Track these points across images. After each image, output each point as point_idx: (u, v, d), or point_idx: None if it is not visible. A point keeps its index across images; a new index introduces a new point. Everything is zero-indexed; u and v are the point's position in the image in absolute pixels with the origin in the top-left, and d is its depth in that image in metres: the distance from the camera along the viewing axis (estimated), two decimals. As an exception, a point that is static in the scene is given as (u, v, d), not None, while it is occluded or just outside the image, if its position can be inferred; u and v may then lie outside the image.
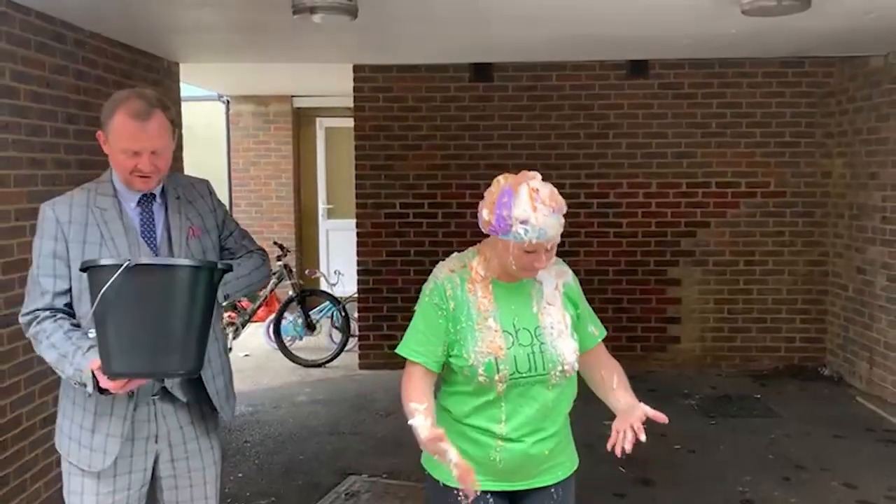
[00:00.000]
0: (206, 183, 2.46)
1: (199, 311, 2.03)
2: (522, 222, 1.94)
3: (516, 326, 2.10)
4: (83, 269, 2.02)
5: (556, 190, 2.02)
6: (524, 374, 2.08)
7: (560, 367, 2.10)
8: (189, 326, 2.02)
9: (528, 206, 1.94)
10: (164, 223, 2.27)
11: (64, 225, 2.15)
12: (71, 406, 2.23)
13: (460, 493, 2.09)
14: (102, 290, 1.91)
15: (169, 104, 2.22)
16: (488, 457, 2.11)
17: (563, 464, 2.21)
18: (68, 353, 2.09)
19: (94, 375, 2.03)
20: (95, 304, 1.94)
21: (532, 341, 2.09)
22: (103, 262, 1.97)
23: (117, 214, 2.20)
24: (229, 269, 2.12)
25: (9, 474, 3.59)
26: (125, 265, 1.90)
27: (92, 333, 2.05)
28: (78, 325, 2.16)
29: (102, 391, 2.05)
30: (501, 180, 2.05)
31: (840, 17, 4.23)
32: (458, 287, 2.10)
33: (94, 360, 2.03)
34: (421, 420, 1.99)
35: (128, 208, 2.23)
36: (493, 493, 2.14)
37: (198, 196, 2.38)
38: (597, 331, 2.25)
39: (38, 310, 2.15)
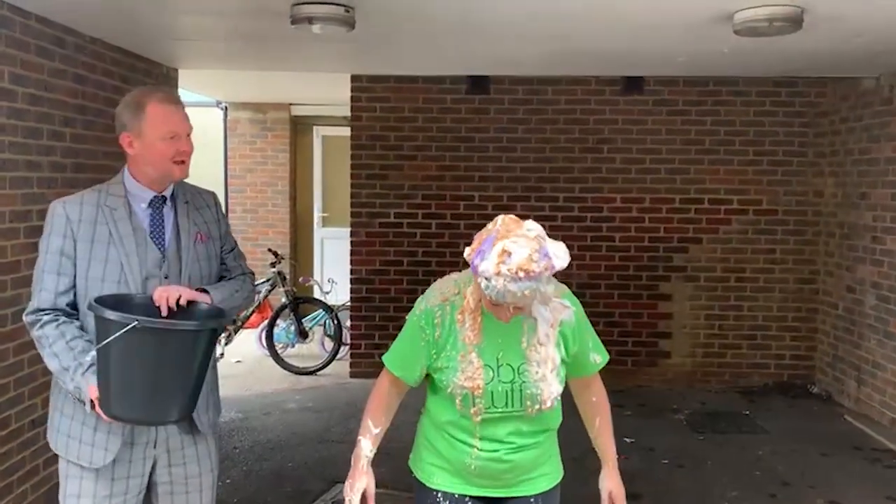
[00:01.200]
0: (213, 194, 2.51)
1: (198, 365, 2.09)
2: (486, 279, 1.89)
3: (500, 361, 2.08)
4: (89, 309, 2.06)
5: (539, 253, 1.87)
6: (500, 409, 2.09)
7: (538, 406, 2.09)
8: (189, 380, 2.08)
9: (494, 267, 1.87)
10: (174, 226, 2.29)
11: (74, 223, 2.18)
12: (71, 403, 2.22)
13: (439, 495, 2.17)
14: (104, 342, 1.96)
15: None
16: (463, 462, 2.14)
17: (545, 475, 2.22)
18: (69, 367, 2.11)
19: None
20: (98, 347, 1.99)
21: (514, 378, 2.08)
22: (109, 315, 1.98)
23: (126, 214, 2.22)
24: (224, 326, 2.19)
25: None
26: (130, 326, 1.93)
27: (89, 357, 2.08)
28: (82, 328, 2.17)
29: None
30: (496, 224, 1.95)
31: (831, 38, 4.29)
32: (447, 315, 2.09)
33: (92, 388, 2.07)
34: (367, 447, 2.17)
35: (138, 209, 2.25)
36: (471, 497, 2.18)
37: (205, 205, 2.42)
38: (599, 358, 2.22)
39: (40, 310, 2.16)
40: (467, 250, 1.97)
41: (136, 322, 1.94)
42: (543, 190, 6.48)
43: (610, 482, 2.25)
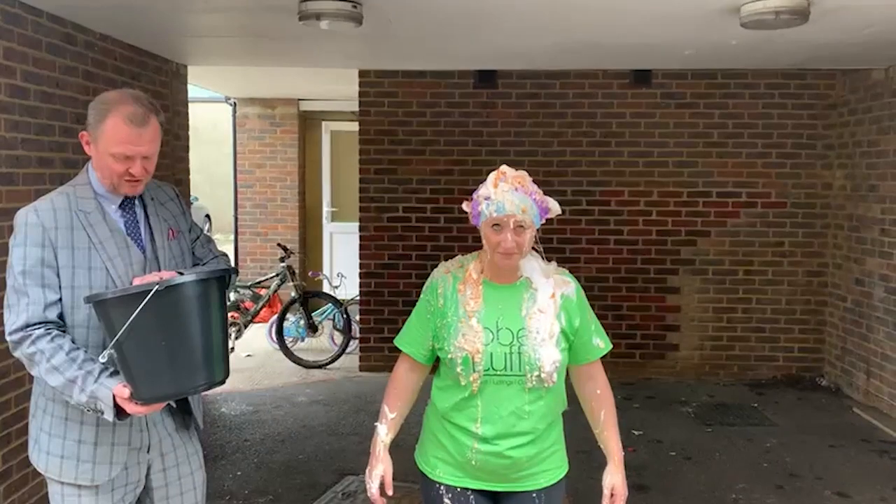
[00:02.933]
0: (172, 186, 2.43)
1: (217, 321, 2.02)
2: (486, 199, 2.09)
3: (499, 325, 2.14)
4: (88, 301, 1.97)
5: (528, 176, 2.13)
6: (499, 372, 2.12)
7: (537, 373, 2.11)
8: (210, 339, 2.01)
9: (492, 184, 2.09)
10: (146, 224, 2.23)
11: (50, 231, 2.05)
12: (62, 423, 2.13)
13: (441, 487, 2.21)
14: (127, 323, 1.88)
15: (159, 108, 2.17)
16: (465, 456, 2.18)
17: (547, 472, 2.23)
18: (77, 378, 2.00)
19: (114, 401, 1.98)
20: (118, 336, 1.90)
21: (512, 341, 2.13)
22: (106, 294, 1.91)
23: (101, 217, 2.13)
24: (236, 272, 2.13)
25: (11, 467, 3.65)
26: (153, 291, 1.85)
27: (103, 358, 1.98)
28: (75, 341, 2.07)
29: (121, 417, 2.01)
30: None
31: (839, 30, 4.29)
32: (449, 286, 2.20)
33: (118, 388, 1.97)
34: (383, 431, 2.24)
35: (110, 210, 2.17)
36: (474, 490, 2.21)
37: (167, 198, 2.35)
38: (602, 343, 2.26)
39: (29, 326, 2.02)
40: (464, 204, 2.18)
41: (157, 286, 1.87)
42: (551, 184, 6.48)
43: (613, 478, 2.24)
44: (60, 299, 2.07)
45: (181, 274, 2.10)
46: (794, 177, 6.52)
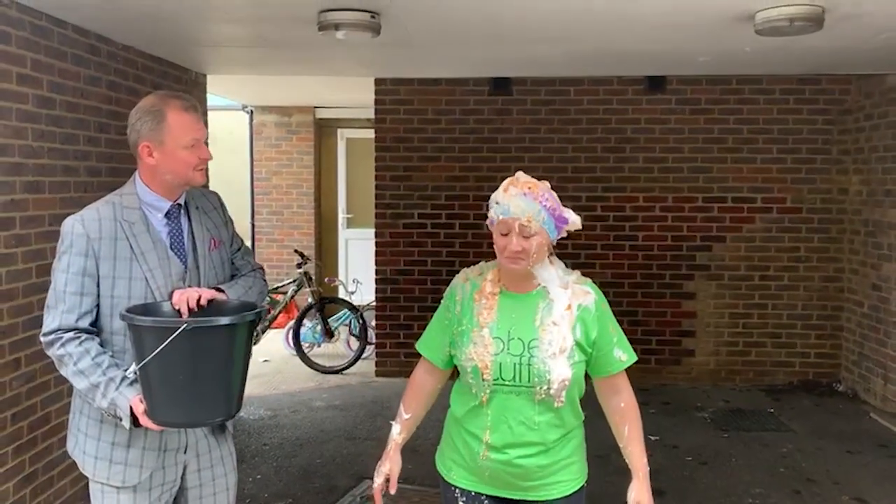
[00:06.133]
0: (217, 195, 2.47)
1: (241, 360, 2.07)
2: (496, 203, 2.12)
3: (511, 335, 2.14)
4: (122, 320, 2.02)
5: (543, 183, 2.13)
6: (507, 382, 2.12)
7: (546, 385, 2.09)
8: (234, 376, 2.06)
9: (503, 188, 2.12)
10: (189, 234, 2.27)
11: (94, 241, 2.11)
12: (96, 424, 2.20)
13: (457, 490, 2.24)
14: (157, 351, 1.93)
15: None
16: (476, 462, 2.19)
17: (561, 483, 2.21)
18: (100, 384, 2.07)
19: (131, 411, 2.04)
20: (143, 362, 1.95)
21: (522, 352, 2.11)
22: (142, 322, 1.96)
23: (145, 228, 2.18)
24: (260, 316, 2.16)
25: (37, 470, 3.72)
26: (181, 329, 1.90)
27: (130, 374, 2.05)
28: (103, 346, 2.14)
29: (138, 425, 2.07)
30: None
31: (853, 37, 4.30)
32: (467, 294, 2.22)
33: (135, 400, 2.04)
34: (396, 431, 2.30)
35: (154, 221, 2.22)
36: (488, 496, 2.23)
37: (211, 207, 2.40)
38: (625, 356, 2.21)
39: (60, 330, 2.10)
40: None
41: (185, 324, 1.92)
42: (566, 190, 6.52)
43: (639, 494, 2.18)
44: (97, 307, 2.15)
45: (220, 290, 2.18)
46: (810, 182, 6.52)
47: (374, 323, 7.03)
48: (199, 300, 2.11)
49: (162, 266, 2.19)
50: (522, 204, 2.07)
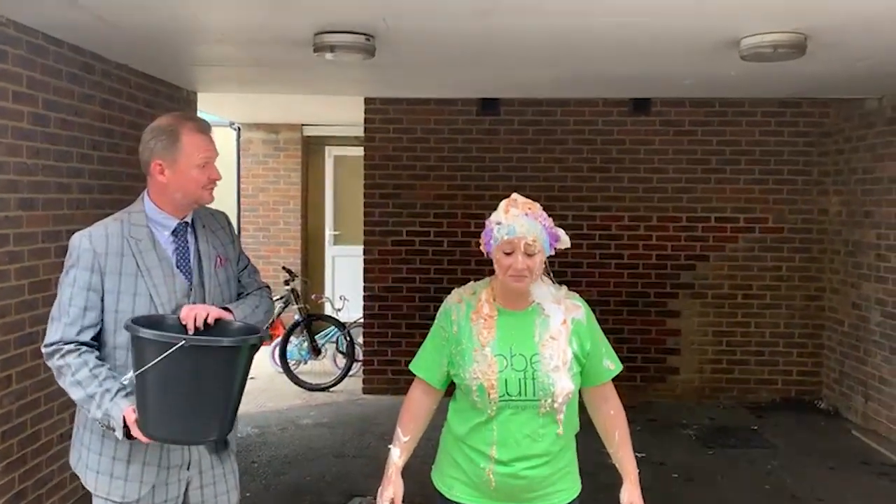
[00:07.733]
0: (224, 215, 2.52)
1: (238, 383, 2.09)
2: (498, 224, 2.17)
3: (513, 352, 2.19)
4: (126, 329, 2.03)
5: (538, 205, 2.23)
6: (513, 397, 2.17)
7: (550, 399, 2.16)
8: (229, 398, 2.08)
9: (503, 209, 2.19)
10: (195, 252, 2.31)
11: (101, 257, 2.15)
12: (98, 439, 2.21)
13: None
14: (153, 363, 1.93)
15: None
16: (482, 478, 2.23)
17: (561, 491, 2.27)
18: (95, 395, 2.09)
19: (125, 422, 2.06)
20: (145, 368, 1.96)
21: (526, 367, 2.17)
22: (148, 335, 1.96)
23: (151, 245, 2.21)
24: (262, 341, 2.19)
25: (27, 487, 3.70)
26: (178, 345, 1.90)
27: (126, 380, 2.07)
28: (102, 360, 2.16)
29: (130, 437, 2.08)
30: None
31: (834, 62, 4.42)
32: (462, 314, 2.25)
33: (128, 410, 2.05)
34: (396, 454, 2.31)
35: (161, 238, 2.25)
36: None
37: (219, 226, 2.44)
38: (612, 365, 2.32)
39: (62, 341, 2.13)
40: (479, 242, 2.26)
41: (183, 341, 1.93)
42: (553, 209, 6.48)
43: (631, 495, 2.30)
44: (101, 322, 2.18)
45: (228, 310, 2.20)
46: (791, 202, 6.64)
47: (361, 340, 7.04)
48: (206, 318, 2.14)
49: (167, 282, 2.22)
50: (526, 224, 2.14)
